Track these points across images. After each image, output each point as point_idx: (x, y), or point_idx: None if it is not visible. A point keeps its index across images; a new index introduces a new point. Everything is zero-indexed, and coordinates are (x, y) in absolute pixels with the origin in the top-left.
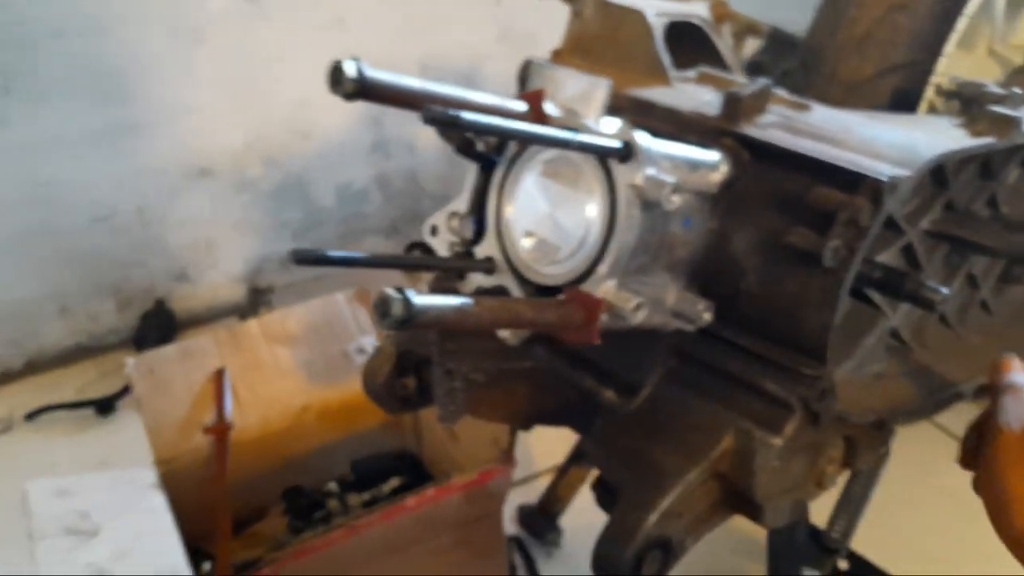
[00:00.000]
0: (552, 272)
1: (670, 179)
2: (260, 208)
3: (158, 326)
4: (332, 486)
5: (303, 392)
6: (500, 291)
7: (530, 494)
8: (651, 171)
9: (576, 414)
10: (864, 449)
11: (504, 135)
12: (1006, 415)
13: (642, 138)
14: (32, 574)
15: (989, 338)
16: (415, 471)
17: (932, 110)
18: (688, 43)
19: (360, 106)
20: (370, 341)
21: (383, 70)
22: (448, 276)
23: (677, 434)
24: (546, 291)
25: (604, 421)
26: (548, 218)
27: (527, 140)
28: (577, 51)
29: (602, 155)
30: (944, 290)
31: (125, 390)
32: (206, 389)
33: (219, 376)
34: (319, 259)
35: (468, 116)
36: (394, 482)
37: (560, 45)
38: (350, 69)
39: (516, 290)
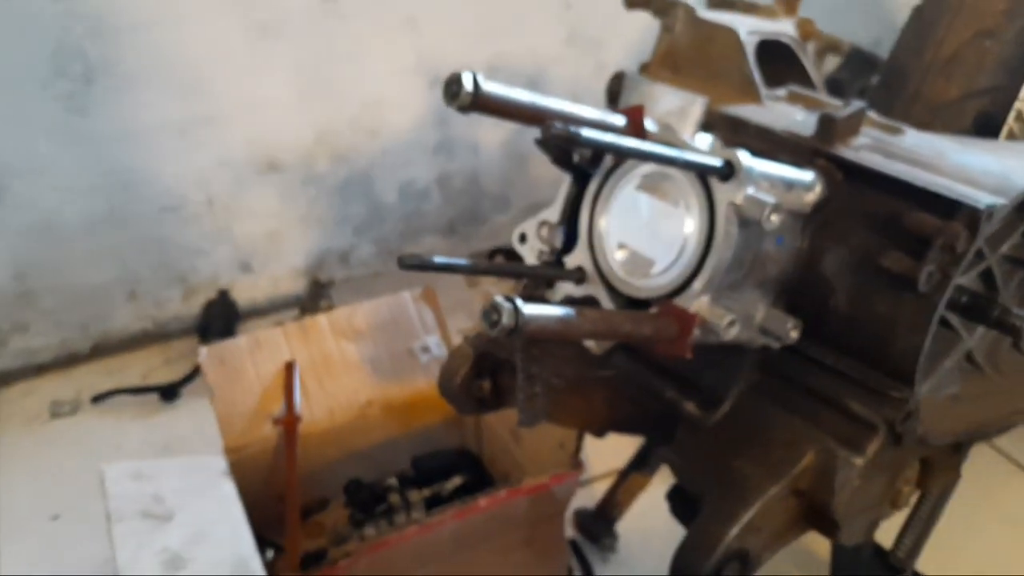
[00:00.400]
0: (645, 285)
1: (770, 199)
2: (324, 203)
3: (221, 315)
4: (393, 481)
5: (368, 387)
6: (589, 301)
7: (586, 498)
8: (751, 190)
9: (653, 424)
10: (939, 471)
11: (619, 152)
12: None
13: (744, 157)
14: (110, 555)
15: None
16: (475, 470)
17: (1011, 136)
18: (773, 59)
19: (427, 106)
20: (434, 340)
21: (496, 82)
22: (537, 284)
23: (759, 448)
24: (635, 303)
25: (685, 432)
26: (643, 231)
27: (638, 157)
28: (667, 65)
29: (704, 172)
30: None
31: (189, 377)
32: (275, 381)
33: (289, 368)
34: (424, 265)
35: (587, 133)
36: (456, 480)
37: (649, 58)
38: (467, 81)
39: (607, 301)
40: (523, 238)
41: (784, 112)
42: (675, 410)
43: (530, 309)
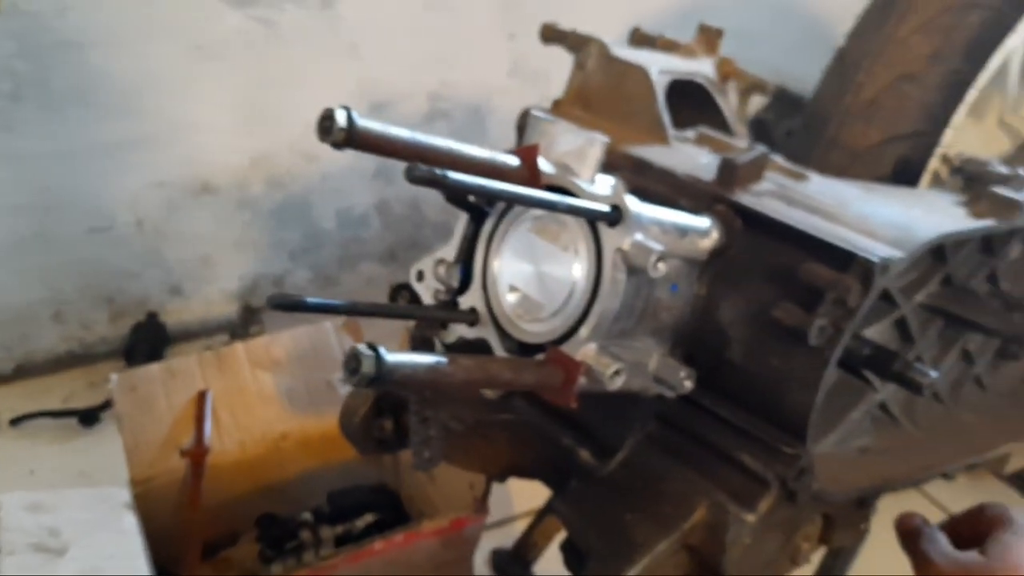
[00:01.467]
0: (534, 330)
1: (658, 246)
2: (260, 227)
3: (149, 339)
4: (307, 516)
5: (283, 419)
6: (482, 343)
7: (506, 537)
8: (639, 237)
9: (552, 470)
10: (843, 527)
11: (490, 196)
12: (933, 553)
13: (632, 203)
14: None
15: (983, 416)
16: (392, 507)
17: (937, 181)
18: (693, 99)
19: None
20: None
21: (386, 117)
22: (431, 324)
23: (650, 502)
24: (528, 347)
25: (578, 481)
26: (533, 275)
27: (514, 201)
28: (579, 102)
29: (591, 218)
30: (933, 373)
31: (110, 402)
32: (187, 410)
33: (201, 398)
34: (296, 305)
35: (454, 176)
36: (368, 518)
37: (562, 95)
38: (341, 118)
39: (497, 345)
40: (420, 276)
41: (690, 154)
42: (570, 458)
43: (394, 358)
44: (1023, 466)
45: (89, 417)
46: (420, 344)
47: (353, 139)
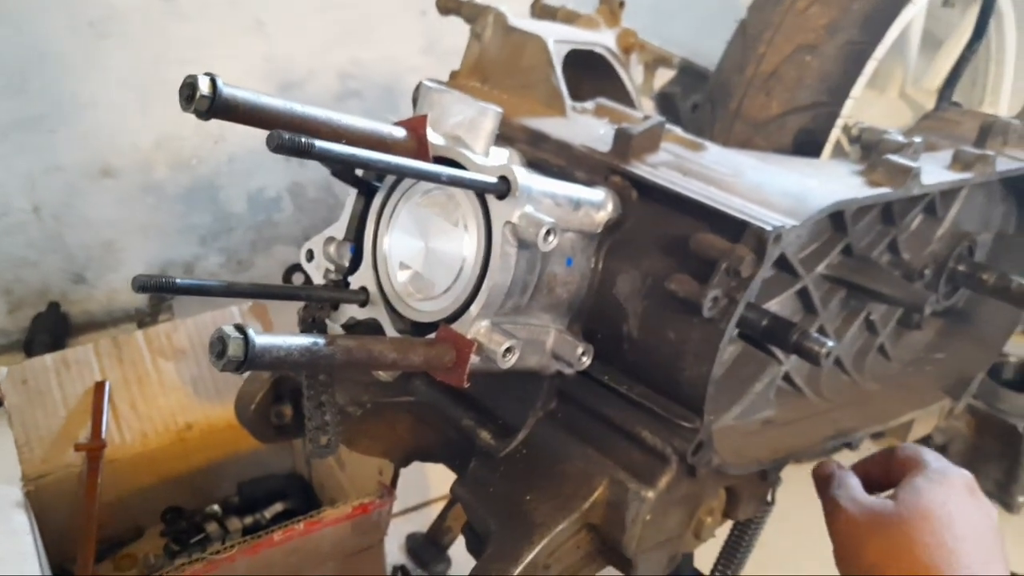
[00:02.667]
0: (426, 308)
1: (548, 219)
2: (166, 211)
3: (49, 330)
4: (214, 508)
5: (188, 409)
6: (374, 324)
7: (423, 521)
8: (529, 209)
9: (455, 453)
10: (746, 500)
11: (365, 167)
12: (842, 499)
13: (521, 174)
14: None
15: (887, 385)
16: (303, 495)
17: (840, 152)
18: (597, 71)
19: None
20: None
21: (296, 96)
22: (320, 306)
23: (550, 481)
24: (421, 327)
25: (478, 463)
26: (424, 251)
27: (391, 172)
28: (476, 74)
29: (479, 191)
30: (830, 342)
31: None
32: (84, 403)
33: (99, 389)
34: (163, 287)
35: (321, 145)
36: (278, 507)
37: (459, 67)
38: (203, 85)
39: (389, 324)
40: (310, 255)
41: (587, 126)
42: (471, 439)
43: (264, 339)
44: (927, 433)
45: None
46: (310, 326)
47: (218, 108)
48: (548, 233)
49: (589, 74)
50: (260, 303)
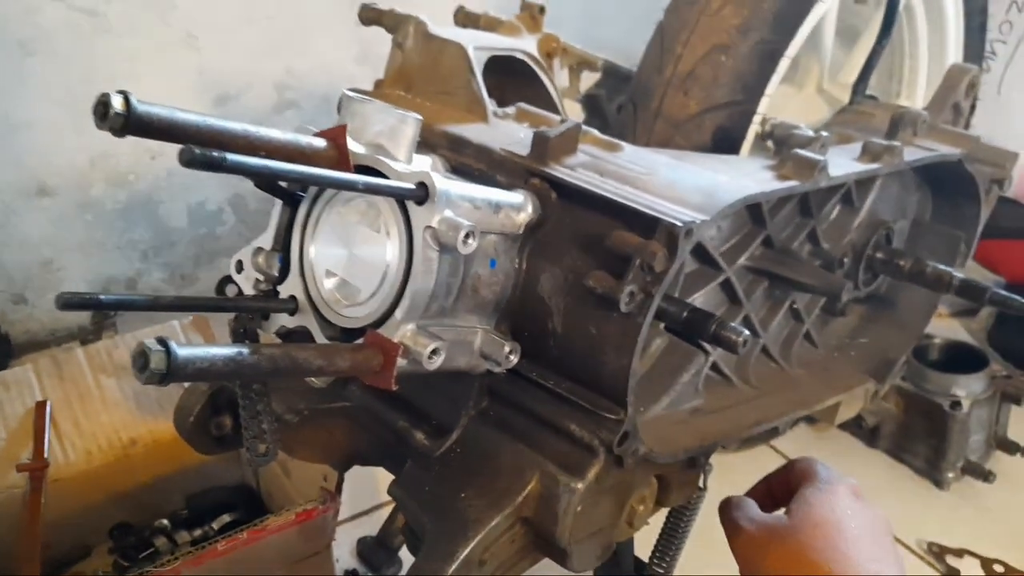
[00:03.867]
0: (353, 314)
1: (466, 222)
2: (105, 228)
3: None
4: (163, 522)
5: (131, 425)
6: (304, 332)
7: (373, 525)
8: (448, 213)
9: (392, 456)
10: (677, 487)
11: (275, 177)
12: (740, 520)
13: (439, 180)
14: None
15: (813, 371)
16: (252, 506)
17: (760, 148)
18: (520, 77)
19: None
20: None
21: (232, 109)
22: (251, 316)
23: (484, 478)
24: (350, 333)
25: (413, 464)
26: (348, 258)
27: (305, 182)
28: (399, 83)
29: (398, 197)
30: (746, 332)
31: None
32: (25, 423)
33: (40, 409)
34: (88, 303)
35: (233, 158)
36: (225, 518)
37: (383, 76)
38: (116, 102)
39: (318, 332)
40: (240, 266)
41: (508, 131)
42: (406, 441)
43: (186, 351)
44: (854, 415)
45: None
46: (241, 336)
47: (133, 124)
48: (467, 236)
49: (512, 80)
50: (202, 316)
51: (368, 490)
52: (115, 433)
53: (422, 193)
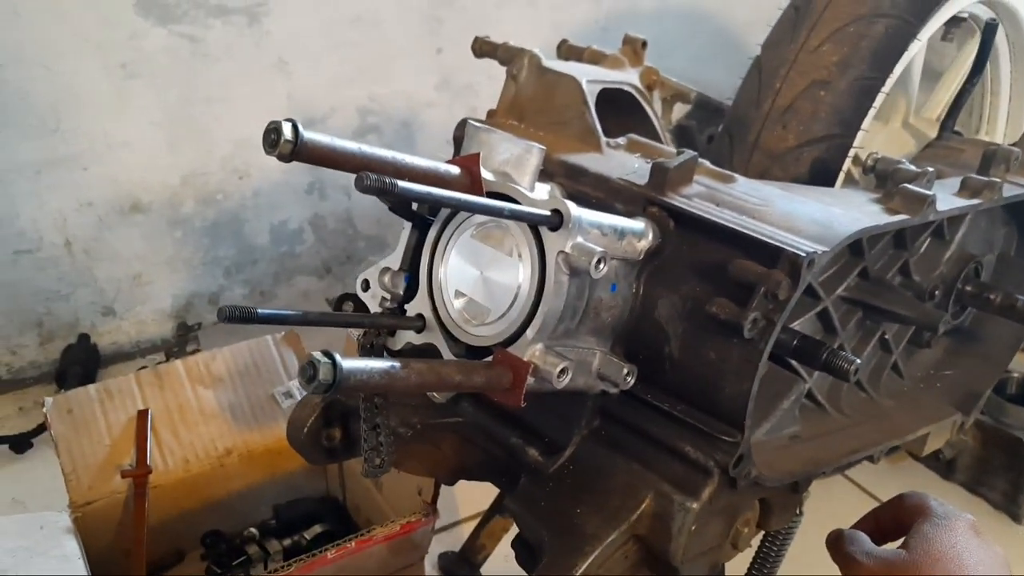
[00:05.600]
0: (481, 333)
1: (598, 248)
2: (192, 244)
3: (81, 361)
4: (253, 531)
5: (226, 435)
6: (430, 349)
7: (453, 540)
8: (580, 239)
9: (502, 471)
10: (779, 511)
11: (439, 204)
12: (856, 554)
13: (572, 207)
14: None
15: (901, 401)
16: (338, 517)
17: (850, 180)
18: (619, 108)
19: None
20: (297, 385)
21: (318, 131)
22: (379, 332)
23: (598, 496)
24: (476, 351)
25: (527, 480)
26: (479, 280)
27: (459, 208)
28: (512, 113)
29: (534, 223)
30: (857, 360)
31: (42, 427)
32: (127, 431)
33: (142, 418)
34: (246, 317)
35: (403, 185)
36: (316, 529)
37: (496, 107)
38: (287, 130)
39: (445, 349)
40: (366, 285)
41: (622, 161)
42: (519, 458)
43: (350, 364)
44: (939, 446)
45: (21, 443)
46: (369, 351)
47: (299, 151)
48: (599, 261)
49: (613, 111)
50: (293, 333)
51: (449, 506)
52: (211, 443)
53: (556, 219)
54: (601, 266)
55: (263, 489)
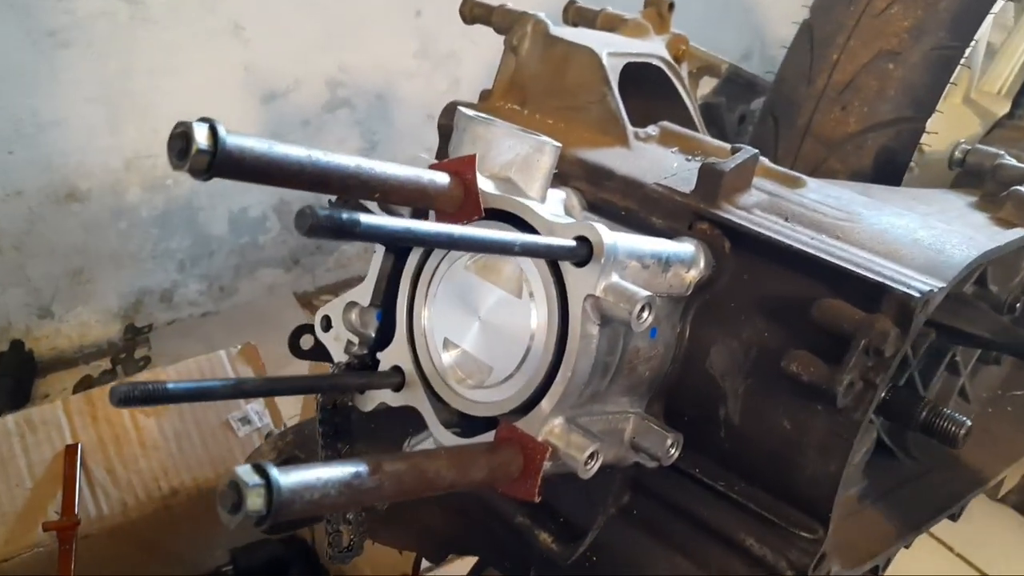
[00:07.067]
0: (481, 399)
1: (642, 292)
2: (140, 236)
3: (12, 371)
4: None
5: (171, 471)
6: (411, 412)
7: None
8: (615, 278)
9: (505, 552)
10: None
11: (417, 243)
12: None
13: (605, 234)
14: None
15: (973, 433)
16: (307, 564)
17: (910, 171)
18: (644, 85)
19: (260, 123)
20: (256, 408)
21: (280, 107)
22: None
23: None
24: (473, 420)
25: (538, 572)
26: (476, 328)
27: (453, 248)
28: (512, 95)
29: (557, 259)
30: (968, 422)
31: None
32: (52, 470)
33: (70, 454)
34: (151, 396)
35: (368, 223)
36: None
37: (493, 86)
38: (201, 136)
39: (431, 416)
40: (327, 323)
41: (656, 158)
42: (527, 542)
43: (292, 480)
44: (1014, 485)
45: None
46: (331, 414)
47: (221, 164)
48: (643, 310)
49: (634, 89)
50: (252, 345)
51: None
52: (154, 481)
53: (584, 252)
54: (645, 315)
55: (217, 531)
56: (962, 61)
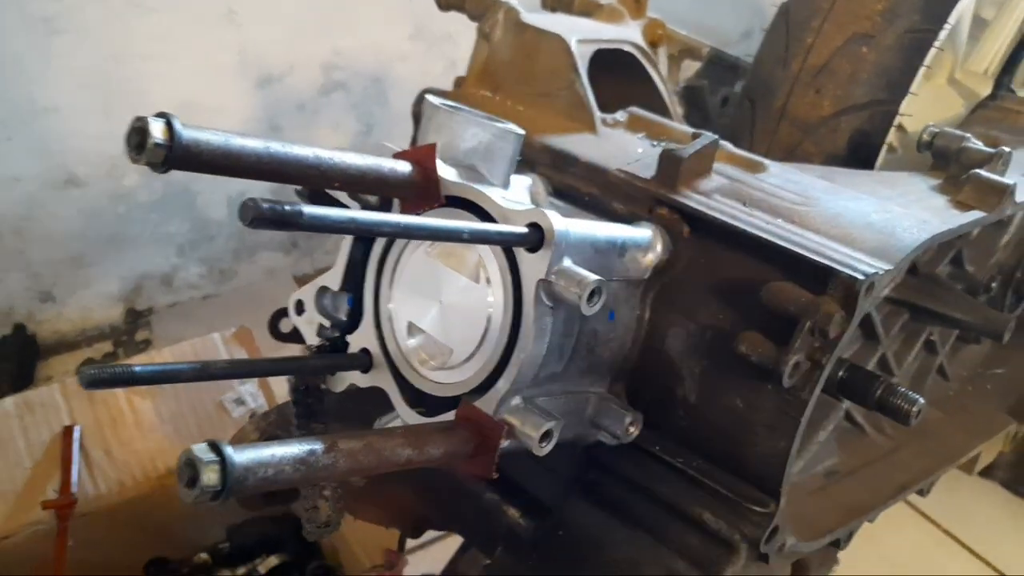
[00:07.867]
0: (442, 379)
1: (591, 276)
2: (139, 220)
3: (15, 355)
4: (203, 557)
5: (168, 451)
6: (379, 392)
7: (433, 561)
8: (567, 264)
9: (477, 528)
10: (816, 567)
11: (363, 233)
12: None
13: (556, 220)
14: None
15: (949, 411)
16: (298, 542)
17: (891, 151)
18: (619, 70)
19: (255, 108)
20: (249, 390)
21: (275, 91)
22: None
23: (594, 571)
24: (435, 400)
25: (504, 550)
26: (437, 311)
27: (399, 236)
28: (485, 82)
29: (508, 245)
30: (920, 400)
31: None
32: (51, 451)
33: (67, 435)
34: (117, 379)
35: (311, 213)
36: (273, 560)
37: (466, 73)
38: (157, 131)
39: (397, 396)
40: (300, 307)
41: (621, 143)
42: (494, 518)
43: (246, 457)
44: (990, 461)
45: None
46: (304, 395)
47: (177, 156)
48: (593, 294)
49: (610, 75)
50: (246, 328)
51: None
52: (150, 461)
53: (535, 238)
54: (595, 299)
55: (214, 510)
56: (936, 44)
